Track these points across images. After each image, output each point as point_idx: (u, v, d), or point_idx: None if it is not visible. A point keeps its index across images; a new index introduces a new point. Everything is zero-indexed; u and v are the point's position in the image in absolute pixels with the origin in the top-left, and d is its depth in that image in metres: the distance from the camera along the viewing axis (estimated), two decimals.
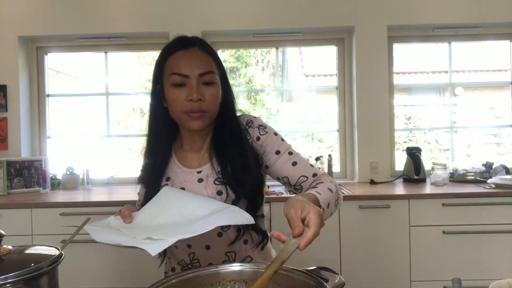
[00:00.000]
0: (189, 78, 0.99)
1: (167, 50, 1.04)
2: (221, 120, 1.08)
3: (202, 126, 1.02)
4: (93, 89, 4.18)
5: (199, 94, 0.98)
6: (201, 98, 0.99)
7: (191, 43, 1.04)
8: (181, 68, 1.00)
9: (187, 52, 1.02)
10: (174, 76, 1.00)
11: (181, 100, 0.99)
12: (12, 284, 0.68)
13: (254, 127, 1.08)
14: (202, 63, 1.01)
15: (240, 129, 1.07)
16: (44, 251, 0.81)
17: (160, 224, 0.90)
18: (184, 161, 1.09)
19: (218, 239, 1.04)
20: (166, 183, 1.06)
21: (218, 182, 1.02)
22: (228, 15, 2.92)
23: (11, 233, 0.96)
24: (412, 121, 5.04)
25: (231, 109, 1.09)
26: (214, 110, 1.04)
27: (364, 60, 2.93)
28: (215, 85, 1.02)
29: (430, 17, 2.92)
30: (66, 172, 2.95)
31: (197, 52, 1.03)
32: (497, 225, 2.32)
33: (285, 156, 1.06)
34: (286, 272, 0.78)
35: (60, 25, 2.95)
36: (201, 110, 1.00)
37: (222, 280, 0.82)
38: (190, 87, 0.99)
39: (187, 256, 1.07)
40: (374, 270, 2.34)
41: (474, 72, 5.67)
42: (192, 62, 1.00)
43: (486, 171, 2.76)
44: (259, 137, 1.07)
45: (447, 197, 2.33)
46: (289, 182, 1.07)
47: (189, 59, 1.01)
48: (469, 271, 2.31)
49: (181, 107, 1.00)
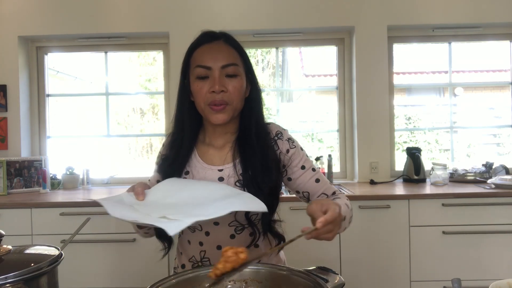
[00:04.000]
0: (212, 70, 1.00)
1: (193, 44, 1.06)
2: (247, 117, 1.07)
3: (225, 120, 1.02)
4: (93, 89, 4.18)
5: (221, 85, 0.99)
6: (223, 90, 0.99)
7: (216, 37, 1.05)
8: (205, 60, 1.01)
9: (211, 45, 1.04)
10: (198, 68, 1.02)
11: (204, 92, 1.00)
12: (12, 284, 0.68)
13: (284, 139, 1.10)
14: (225, 55, 1.02)
15: (266, 132, 1.08)
16: (44, 251, 0.81)
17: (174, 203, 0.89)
18: (205, 157, 1.08)
19: (231, 240, 1.04)
20: (185, 176, 1.07)
21: (239, 184, 1.02)
22: (228, 15, 2.92)
23: (11, 233, 0.96)
24: (412, 121, 5.04)
25: (257, 104, 1.09)
26: (237, 102, 1.03)
27: (364, 60, 2.93)
28: (238, 78, 1.03)
29: (430, 17, 2.92)
30: (66, 172, 2.95)
31: (221, 45, 1.04)
32: (497, 225, 2.32)
33: (309, 172, 1.09)
34: (286, 272, 0.78)
35: (60, 25, 2.95)
36: (224, 102, 1.00)
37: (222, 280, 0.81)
38: (213, 79, 1.00)
39: (198, 253, 1.07)
40: (374, 270, 2.34)
41: (474, 72, 5.66)
42: (215, 54, 1.02)
43: (486, 171, 2.76)
44: (289, 150, 1.09)
45: (447, 197, 2.33)
46: (308, 197, 1.11)
47: (212, 51, 1.02)
48: (469, 271, 2.31)
49: (204, 99, 1.01)
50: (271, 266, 0.83)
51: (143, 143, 5.06)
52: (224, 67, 1.01)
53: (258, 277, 0.80)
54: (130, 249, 2.33)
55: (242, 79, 1.04)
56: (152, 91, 4.46)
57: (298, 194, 1.13)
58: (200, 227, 1.05)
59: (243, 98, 1.06)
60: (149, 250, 2.26)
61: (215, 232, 1.04)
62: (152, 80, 4.79)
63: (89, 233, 2.26)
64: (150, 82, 4.91)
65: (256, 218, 1.03)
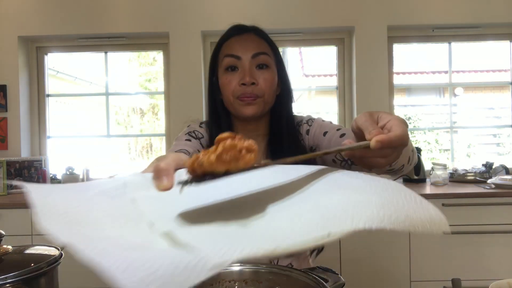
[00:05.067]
0: (242, 60, 0.95)
1: (222, 38, 1.01)
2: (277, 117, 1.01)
3: (256, 112, 0.95)
4: (93, 89, 4.18)
5: (251, 77, 0.93)
6: (254, 82, 0.94)
7: (246, 29, 1.01)
8: (234, 49, 0.96)
9: (241, 37, 0.98)
10: (226, 58, 0.96)
11: (233, 85, 0.94)
12: (12, 284, 0.68)
13: (303, 123, 1.03)
14: (255, 45, 0.97)
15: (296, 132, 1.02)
16: (44, 251, 0.81)
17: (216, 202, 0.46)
18: None
19: None
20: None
21: None
22: (228, 15, 2.92)
23: (11, 233, 0.96)
24: (412, 121, 5.04)
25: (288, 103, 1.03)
26: (269, 96, 0.97)
27: (364, 60, 2.93)
28: (269, 69, 0.97)
29: (430, 17, 2.92)
30: (66, 172, 2.95)
31: (252, 36, 0.99)
32: (497, 225, 2.32)
33: (332, 132, 0.96)
34: (286, 272, 0.78)
35: (60, 25, 2.95)
36: (255, 95, 0.94)
37: (222, 280, 0.81)
38: (243, 70, 0.94)
39: None
40: (374, 270, 2.34)
41: (474, 72, 5.66)
42: (245, 44, 0.96)
43: (486, 171, 2.76)
44: (308, 129, 1.01)
45: (447, 197, 2.33)
46: (345, 160, 0.91)
47: (242, 41, 0.97)
48: (469, 271, 2.31)
49: (233, 91, 0.95)
50: (271, 266, 0.83)
51: (143, 143, 5.06)
52: (255, 56, 0.95)
53: (258, 277, 0.80)
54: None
55: (273, 71, 0.98)
56: (152, 91, 4.46)
57: (335, 164, 0.92)
58: None
59: (275, 93, 1.00)
60: None
61: None
62: (152, 80, 4.80)
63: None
64: (150, 82, 4.92)
65: None
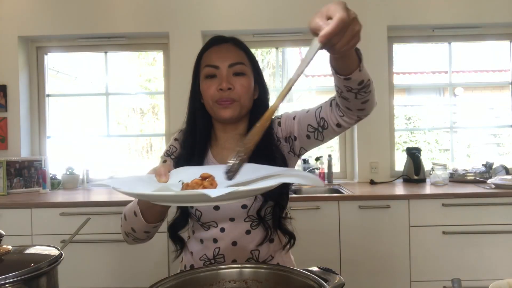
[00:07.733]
0: (220, 69, 1.04)
1: (203, 48, 1.10)
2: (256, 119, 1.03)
3: (233, 115, 1.04)
4: (93, 89, 4.17)
5: (228, 83, 1.02)
6: (230, 88, 1.03)
7: (225, 40, 1.10)
8: (212, 60, 1.05)
9: (220, 47, 1.08)
10: (206, 68, 1.06)
11: (212, 90, 1.04)
12: (12, 284, 0.68)
13: (275, 120, 1.11)
14: (232, 55, 1.06)
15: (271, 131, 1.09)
16: (44, 251, 0.81)
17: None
18: (219, 157, 1.10)
19: (246, 236, 1.05)
20: None
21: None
22: (228, 15, 2.92)
23: (11, 233, 0.96)
24: (412, 121, 5.04)
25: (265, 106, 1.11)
26: (245, 100, 1.06)
27: (364, 60, 2.91)
28: (246, 76, 1.06)
29: (430, 17, 2.92)
30: (66, 172, 2.95)
31: (229, 47, 1.08)
32: (497, 225, 2.32)
33: (300, 112, 1.06)
34: (286, 273, 0.78)
35: (60, 25, 2.95)
36: (231, 99, 1.03)
37: (222, 280, 0.81)
38: (220, 77, 1.04)
39: (212, 251, 1.08)
40: (374, 270, 2.34)
41: (474, 72, 5.66)
42: (223, 54, 1.06)
43: (486, 171, 2.76)
44: (279, 121, 1.10)
45: (447, 197, 2.33)
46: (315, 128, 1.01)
47: (220, 52, 1.07)
48: (469, 271, 2.31)
49: (212, 96, 1.04)
50: (271, 266, 0.83)
51: (143, 143, 5.05)
52: (232, 65, 1.04)
53: (258, 277, 0.80)
54: (130, 249, 2.33)
55: (249, 78, 1.07)
56: (152, 91, 4.46)
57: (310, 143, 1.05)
58: (215, 223, 1.06)
59: (251, 98, 1.09)
60: (149, 251, 2.26)
61: (231, 228, 1.05)
62: (152, 80, 4.79)
63: (89, 233, 2.26)
64: (150, 82, 4.91)
65: (267, 214, 1.04)
